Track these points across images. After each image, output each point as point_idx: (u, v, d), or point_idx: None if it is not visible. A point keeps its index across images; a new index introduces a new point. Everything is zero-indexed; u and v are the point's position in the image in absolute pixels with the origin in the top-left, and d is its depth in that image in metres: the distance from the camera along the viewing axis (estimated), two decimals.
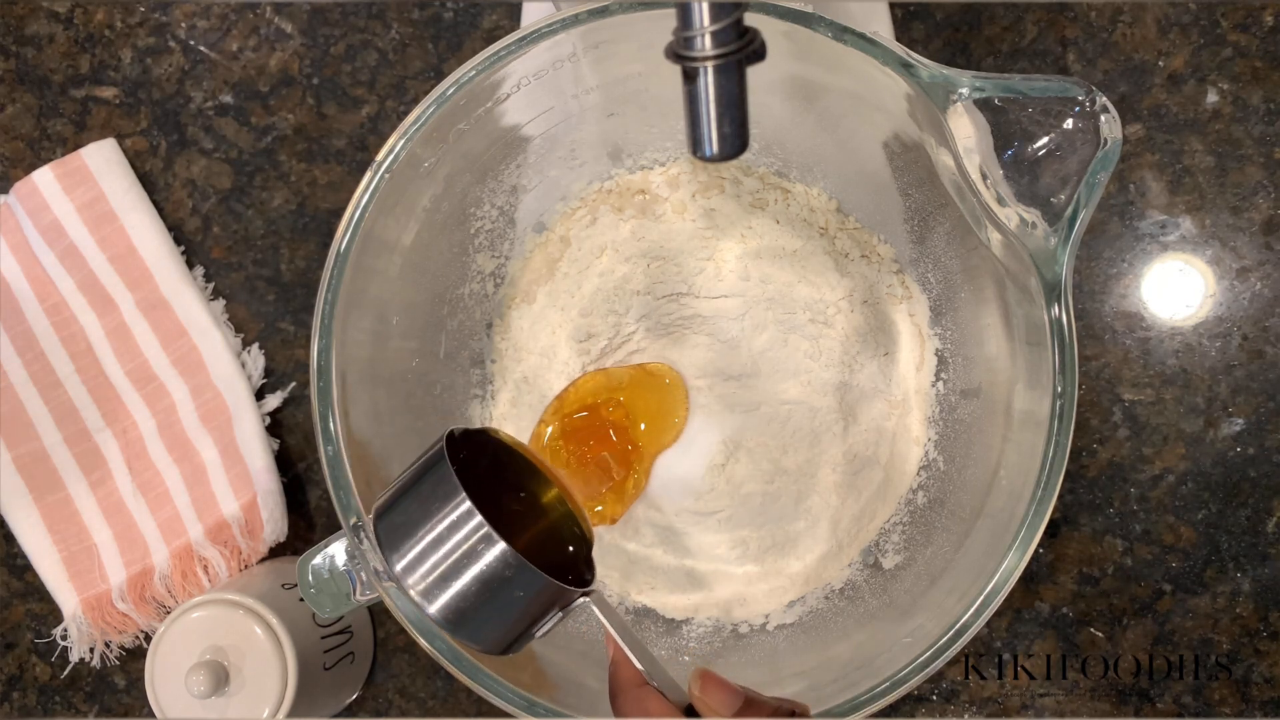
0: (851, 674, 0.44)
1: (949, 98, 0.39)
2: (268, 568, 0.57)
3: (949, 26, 0.57)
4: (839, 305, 0.54)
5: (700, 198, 0.55)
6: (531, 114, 0.49)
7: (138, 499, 0.58)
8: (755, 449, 0.54)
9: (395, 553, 0.36)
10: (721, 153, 0.31)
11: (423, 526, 0.36)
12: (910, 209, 0.51)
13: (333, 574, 0.42)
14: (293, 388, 0.59)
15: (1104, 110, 0.38)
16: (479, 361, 0.56)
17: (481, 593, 0.35)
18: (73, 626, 0.58)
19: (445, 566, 0.35)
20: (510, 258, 0.56)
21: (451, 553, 0.35)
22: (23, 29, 0.61)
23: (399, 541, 0.36)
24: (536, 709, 0.42)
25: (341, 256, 0.43)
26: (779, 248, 0.54)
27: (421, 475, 0.37)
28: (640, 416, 0.54)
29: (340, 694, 0.57)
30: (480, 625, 0.36)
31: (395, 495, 0.37)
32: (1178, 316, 0.56)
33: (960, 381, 0.53)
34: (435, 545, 0.35)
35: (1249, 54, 0.56)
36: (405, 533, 0.36)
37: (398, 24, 0.59)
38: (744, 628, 0.53)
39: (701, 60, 0.29)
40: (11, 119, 0.61)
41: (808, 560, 0.54)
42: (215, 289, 0.60)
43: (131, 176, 0.59)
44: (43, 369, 0.59)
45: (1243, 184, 0.56)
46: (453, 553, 0.35)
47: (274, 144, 0.60)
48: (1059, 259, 0.39)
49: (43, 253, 0.59)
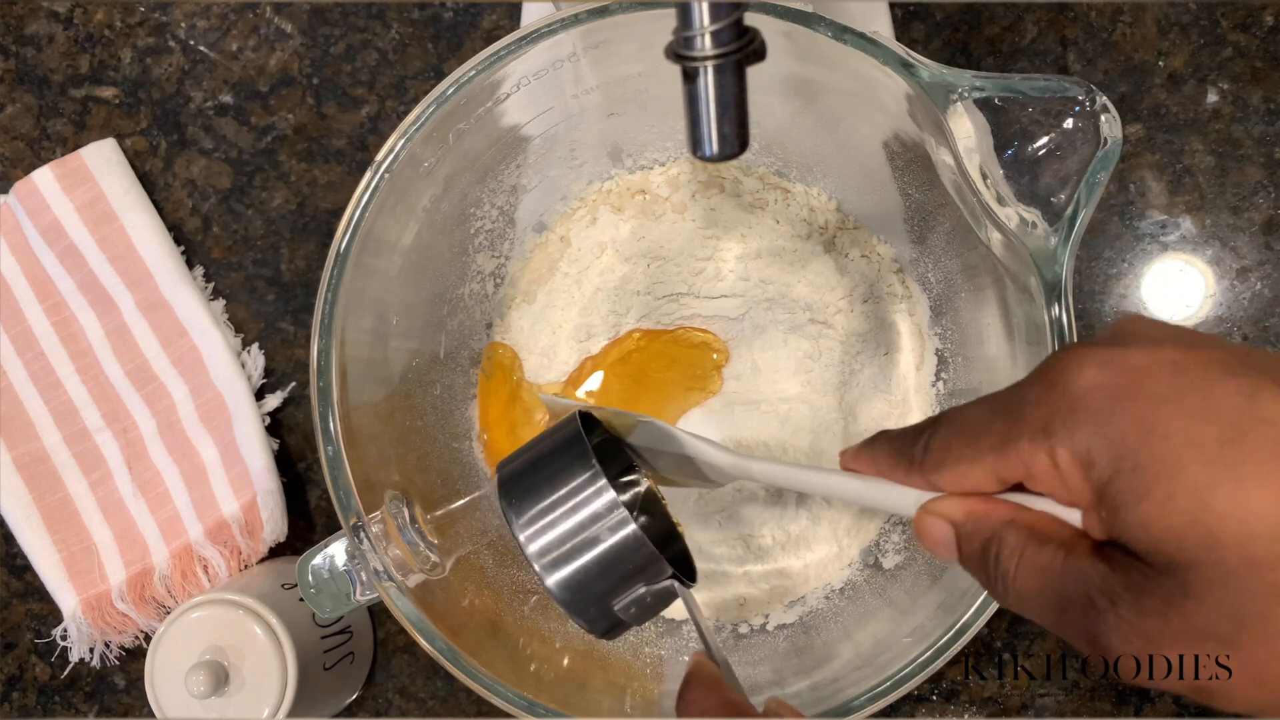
0: (851, 674, 0.44)
1: (949, 97, 0.39)
2: (268, 568, 0.57)
3: (949, 26, 0.57)
4: (839, 305, 0.54)
5: (700, 198, 0.55)
6: (531, 114, 0.49)
7: (138, 499, 0.58)
8: (755, 448, 0.54)
9: (521, 519, 0.36)
10: (721, 153, 0.31)
11: (553, 496, 0.36)
12: (910, 209, 0.51)
13: (333, 574, 0.42)
14: (293, 388, 0.59)
15: (1104, 110, 0.38)
16: (479, 361, 0.56)
17: (601, 568, 0.36)
18: (73, 626, 0.58)
19: (573, 542, 0.36)
20: (510, 258, 0.56)
21: (581, 529, 0.36)
22: (23, 29, 0.61)
23: (525, 508, 0.36)
24: (536, 709, 0.42)
25: (341, 256, 0.43)
26: (779, 248, 0.54)
27: (555, 447, 0.37)
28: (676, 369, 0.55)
29: (340, 694, 0.57)
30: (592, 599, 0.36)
31: (526, 463, 0.37)
32: (1178, 316, 0.56)
33: (960, 381, 0.53)
34: (564, 518, 0.36)
35: (1249, 54, 0.56)
36: (534, 501, 0.36)
37: (398, 24, 0.59)
38: (744, 628, 0.53)
39: (701, 60, 0.29)
40: (11, 119, 0.61)
41: (808, 560, 0.54)
42: (215, 289, 0.60)
43: (131, 176, 0.59)
44: (43, 369, 0.59)
45: (1243, 184, 0.56)
46: (582, 529, 0.36)
47: (274, 144, 0.60)
48: (1059, 259, 0.39)
49: (43, 253, 0.59)
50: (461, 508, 0.52)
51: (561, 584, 0.36)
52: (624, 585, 0.36)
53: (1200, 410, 0.24)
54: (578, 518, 0.36)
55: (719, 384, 0.54)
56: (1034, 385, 0.26)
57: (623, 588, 0.36)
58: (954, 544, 0.29)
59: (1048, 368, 0.26)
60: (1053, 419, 0.25)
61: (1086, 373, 0.25)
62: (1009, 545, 0.27)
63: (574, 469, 0.36)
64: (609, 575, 0.36)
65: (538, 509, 0.36)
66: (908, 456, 0.30)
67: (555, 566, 0.36)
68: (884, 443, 0.31)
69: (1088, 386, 0.25)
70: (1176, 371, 0.25)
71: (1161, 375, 0.25)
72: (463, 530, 0.51)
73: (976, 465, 0.28)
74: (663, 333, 0.55)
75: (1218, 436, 0.23)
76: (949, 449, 0.28)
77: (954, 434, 0.28)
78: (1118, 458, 0.24)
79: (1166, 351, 0.25)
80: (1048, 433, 0.25)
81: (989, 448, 0.27)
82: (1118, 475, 0.24)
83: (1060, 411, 0.25)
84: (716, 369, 0.54)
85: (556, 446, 0.37)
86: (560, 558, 0.36)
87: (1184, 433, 0.24)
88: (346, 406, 0.44)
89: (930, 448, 0.29)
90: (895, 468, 0.31)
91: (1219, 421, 0.24)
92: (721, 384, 0.54)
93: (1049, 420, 0.25)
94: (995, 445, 0.27)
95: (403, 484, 0.46)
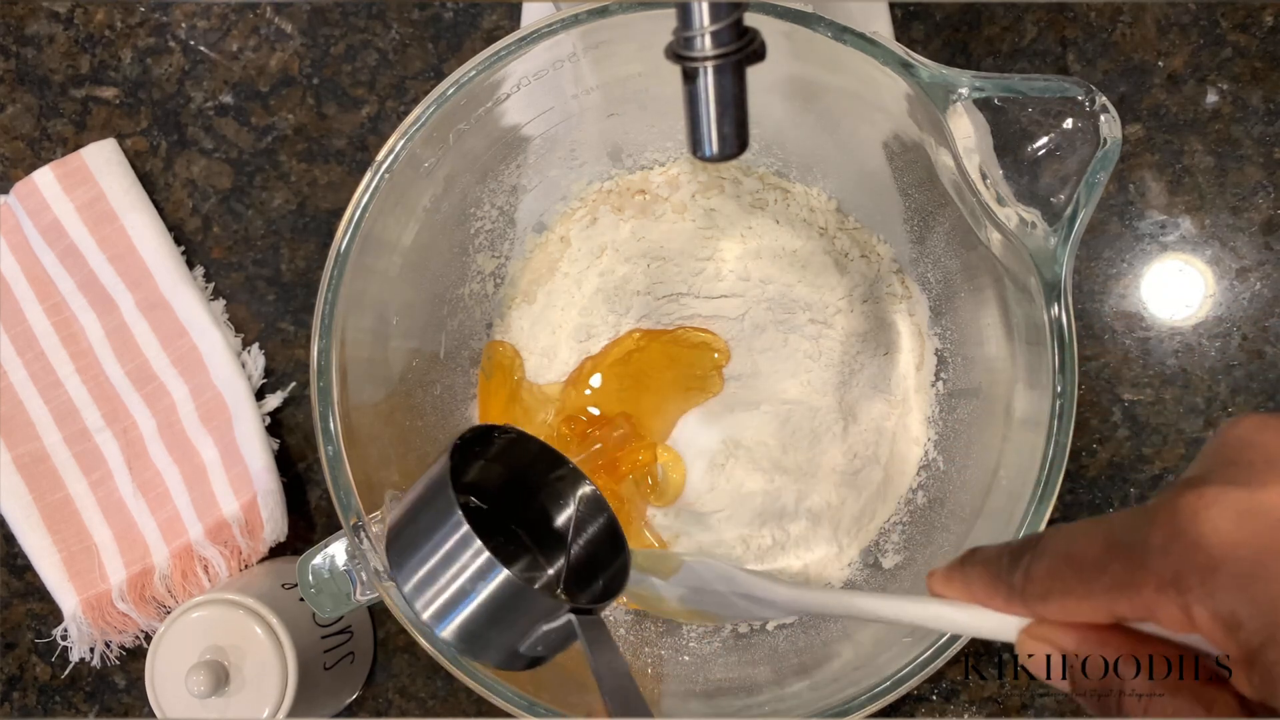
0: (851, 673, 0.44)
1: (949, 98, 0.39)
2: (268, 568, 0.57)
3: (949, 26, 0.57)
4: (839, 305, 0.54)
5: (700, 198, 0.55)
6: (531, 114, 0.49)
7: (138, 499, 0.58)
8: (755, 448, 0.54)
9: (402, 573, 0.35)
10: (721, 153, 0.31)
11: (425, 548, 0.35)
12: (910, 209, 0.51)
13: (333, 574, 0.42)
14: (293, 388, 0.59)
15: (1104, 110, 0.38)
16: (479, 361, 0.56)
17: (488, 616, 0.34)
18: (73, 626, 0.58)
19: (451, 591, 0.34)
20: (510, 258, 0.56)
21: (455, 577, 0.34)
22: (23, 29, 0.61)
23: (405, 562, 0.35)
24: (536, 709, 0.42)
25: (341, 256, 0.43)
26: (779, 248, 0.54)
27: (425, 493, 0.36)
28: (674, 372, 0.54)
29: (340, 694, 0.57)
30: (491, 646, 0.35)
31: (404, 514, 0.36)
32: (1177, 316, 0.56)
33: (960, 381, 0.53)
34: (439, 569, 0.35)
35: (1249, 54, 0.56)
36: (411, 553, 0.35)
37: (398, 24, 0.59)
38: (744, 628, 0.53)
39: (701, 60, 0.29)
40: (11, 119, 0.61)
41: (808, 560, 0.54)
42: (215, 289, 0.60)
43: (131, 176, 0.59)
44: (43, 369, 0.59)
45: (1242, 184, 0.56)
46: (456, 577, 0.34)
47: (274, 144, 0.60)
48: (1059, 259, 0.39)
49: (43, 253, 0.59)
50: None
51: (455, 635, 0.35)
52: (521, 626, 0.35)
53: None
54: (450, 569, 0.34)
55: (719, 385, 0.54)
56: (1158, 528, 0.24)
57: (522, 629, 0.35)
58: (1063, 671, 0.26)
59: (1173, 510, 0.24)
60: (1186, 574, 0.23)
61: (1222, 525, 0.23)
62: (1133, 688, 0.25)
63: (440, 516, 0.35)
64: (500, 622, 0.35)
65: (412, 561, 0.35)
66: (1006, 584, 0.27)
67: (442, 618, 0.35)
68: (979, 565, 0.29)
69: (1228, 543, 0.23)
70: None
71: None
72: None
73: (1088, 603, 0.25)
74: (663, 333, 0.55)
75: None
76: (1056, 581, 0.26)
77: (1062, 567, 0.26)
78: (1271, 625, 0.22)
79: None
80: (1180, 588, 0.23)
81: (1104, 588, 0.25)
82: (1272, 645, 0.22)
83: (1196, 567, 0.23)
84: (717, 369, 0.54)
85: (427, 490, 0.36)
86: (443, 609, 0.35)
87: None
88: (346, 406, 0.44)
89: (1033, 576, 0.27)
90: (993, 595, 0.28)
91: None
92: (722, 385, 0.54)
93: (1181, 574, 0.23)
94: (1112, 587, 0.25)
95: (403, 484, 0.46)
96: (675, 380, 0.54)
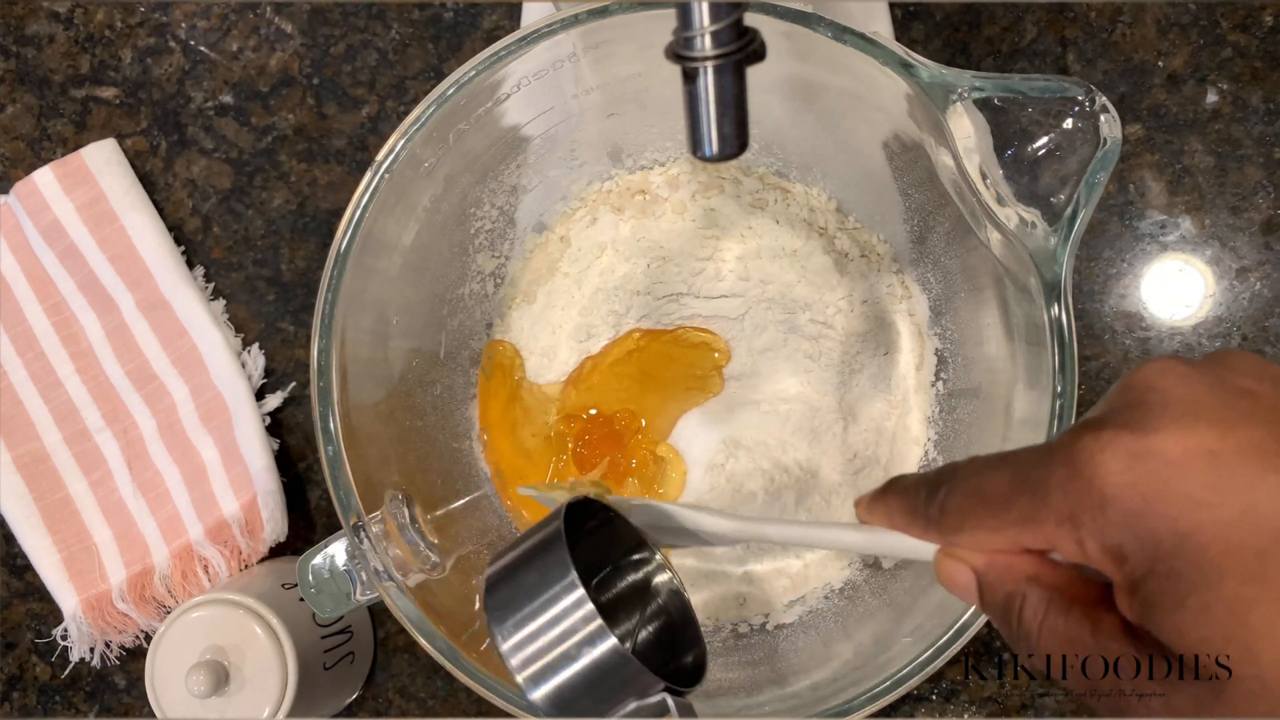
0: (851, 674, 0.44)
1: (949, 98, 0.39)
2: (268, 568, 0.57)
3: (949, 26, 0.57)
4: (839, 305, 0.54)
5: (700, 198, 0.55)
6: (531, 114, 0.49)
7: (138, 499, 0.58)
8: (755, 448, 0.54)
9: (502, 629, 0.34)
10: (721, 153, 0.31)
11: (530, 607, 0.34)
12: (910, 209, 0.51)
13: (333, 574, 0.42)
14: (293, 388, 0.59)
15: (1104, 110, 0.38)
16: (479, 361, 0.56)
17: (586, 683, 0.34)
18: (73, 626, 0.58)
19: (554, 654, 0.34)
20: (510, 258, 0.56)
21: (560, 640, 0.34)
22: (23, 29, 0.61)
23: (506, 618, 0.34)
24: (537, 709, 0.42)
25: (341, 256, 0.43)
26: (779, 248, 0.54)
27: (534, 551, 0.35)
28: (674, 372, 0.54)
29: (340, 694, 0.57)
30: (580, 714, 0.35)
31: (507, 567, 0.36)
32: (1177, 316, 0.56)
33: (960, 381, 0.53)
34: (544, 629, 0.34)
35: (1249, 54, 0.56)
36: (512, 611, 0.34)
37: (398, 24, 0.59)
38: (744, 628, 0.53)
39: (701, 60, 0.29)
40: (11, 119, 0.61)
41: (808, 560, 0.54)
42: (215, 289, 0.60)
43: (132, 176, 0.59)
44: (43, 369, 0.59)
45: (1242, 184, 0.56)
46: (561, 640, 0.34)
47: (274, 144, 0.60)
48: (1059, 259, 0.39)
49: (43, 253, 0.59)
50: (461, 508, 0.52)
51: (546, 699, 0.34)
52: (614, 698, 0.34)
53: (1238, 519, 0.23)
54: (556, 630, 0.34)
55: (720, 384, 0.54)
56: (1058, 467, 0.26)
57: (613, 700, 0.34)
58: (975, 590, 0.29)
59: (1072, 451, 0.25)
60: (1080, 511, 0.25)
61: (1114, 467, 0.24)
62: (1032, 604, 0.27)
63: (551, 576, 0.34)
64: (595, 690, 0.34)
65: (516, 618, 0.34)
66: (923, 516, 0.29)
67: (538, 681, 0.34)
68: (897, 496, 0.31)
69: (1119, 484, 0.24)
70: (1213, 467, 0.24)
71: (1196, 473, 0.24)
72: (463, 530, 0.51)
73: (997, 534, 0.27)
74: (663, 332, 0.55)
75: (1256, 548, 0.23)
76: (967, 515, 0.28)
77: (972, 501, 0.28)
78: (1151, 559, 0.24)
79: (1201, 436, 0.24)
80: (1075, 523, 0.25)
81: (1010, 522, 0.27)
82: (1151, 576, 0.24)
83: (1088, 505, 0.25)
84: (717, 369, 0.54)
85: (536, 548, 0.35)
86: (541, 672, 0.34)
87: (1221, 542, 0.23)
88: (346, 406, 0.44)
89: (947, 510, 0.28)
90: (911, 524, 0.30)
91: (1257, 531, 0.23)
92: (722, 384, 0.54)
93: (1076, 511, 0.25)
94: (1017, 521, 0.27)
95: (403, 484, 0.46)
96: (675, 380, 0.54)
